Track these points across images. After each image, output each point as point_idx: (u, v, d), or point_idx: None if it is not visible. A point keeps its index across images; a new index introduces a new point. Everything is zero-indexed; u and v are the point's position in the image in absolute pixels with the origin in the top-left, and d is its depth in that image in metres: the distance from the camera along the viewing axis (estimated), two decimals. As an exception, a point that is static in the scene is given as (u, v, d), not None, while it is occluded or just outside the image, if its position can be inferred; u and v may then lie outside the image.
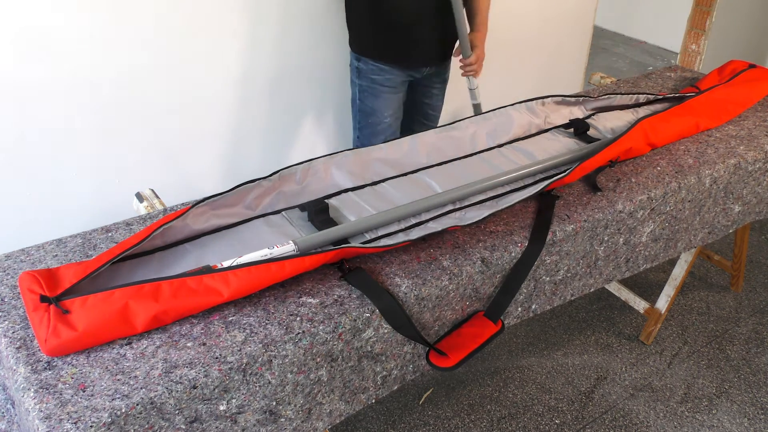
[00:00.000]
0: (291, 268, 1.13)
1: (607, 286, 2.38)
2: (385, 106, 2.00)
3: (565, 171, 1.47)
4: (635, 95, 1.95)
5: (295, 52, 2.27)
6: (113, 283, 1.13)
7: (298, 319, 1.10)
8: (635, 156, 1.66)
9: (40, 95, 1.86)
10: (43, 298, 1.03)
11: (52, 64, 1.84)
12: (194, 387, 0.98)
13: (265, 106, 2.31)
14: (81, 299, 1.03)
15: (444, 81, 2.21)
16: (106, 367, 0.99)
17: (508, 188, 1.50)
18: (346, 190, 1.46)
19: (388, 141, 1.56)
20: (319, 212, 1.34)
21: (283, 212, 1.37)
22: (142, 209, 1.49)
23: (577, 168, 1.47)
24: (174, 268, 1.19)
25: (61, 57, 1.85)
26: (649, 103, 1.96)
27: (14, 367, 1.00)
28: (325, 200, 1.40)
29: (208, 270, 1.12)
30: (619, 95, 1.94)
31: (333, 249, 1.18)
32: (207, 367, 1.00)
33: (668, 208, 1.58)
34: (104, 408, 0.92)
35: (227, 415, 1.03)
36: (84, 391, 0.95)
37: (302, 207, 1.39)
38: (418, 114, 2.21)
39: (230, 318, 1.10)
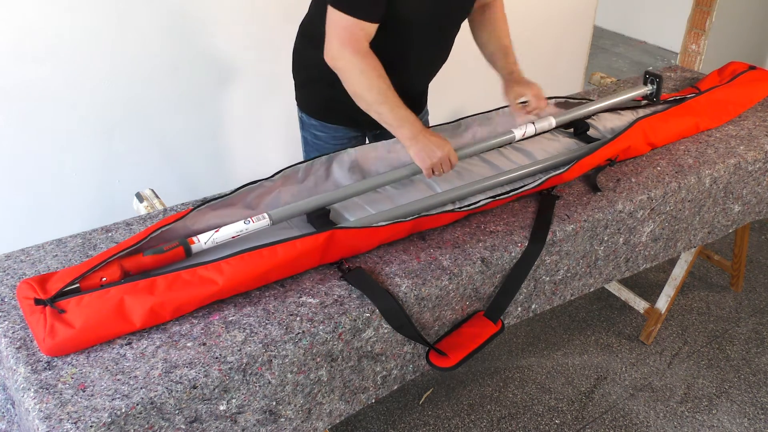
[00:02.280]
0: (283, 252, 1.14)
1: (607, 286, 2.38)
2: None
3: (564, 168, 1.47)
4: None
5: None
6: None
7: (298, 319, 1.10)
8: (635, 156, 1.66)
9: (41, 95, 1.86)
10: (38, 301, 1.03)
11: (52, 64, 1.84)
12: (194, 387, 0.98)
13: (266, 106, 2.31)
14: (76, 299, 1.03)
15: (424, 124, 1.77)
16: (106, 367, 0.99)
17: (508, 188, 1.50)
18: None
19: (389, 140, 1.56)
20: (320, 216, 1.34)
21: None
22: (142, 209, 1.49)
23: (575, 165, 1.47)
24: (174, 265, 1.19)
25: (61, 57, 1.85)
26: (649, 104, 1.96)
27: (14, 367, 1.00)
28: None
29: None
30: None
31: (324, 231, 1.18)
32: (207, 367, 1.00)
33: (668, 208, 1.58)
34: (104, 408, 0.92)
35: (227, 415, 1.03)
36: (84, 391, 0.95)
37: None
38: None
39: (230, 318, 1.10)
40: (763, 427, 1.93)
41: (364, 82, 1.36)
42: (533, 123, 1.61)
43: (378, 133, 1.71)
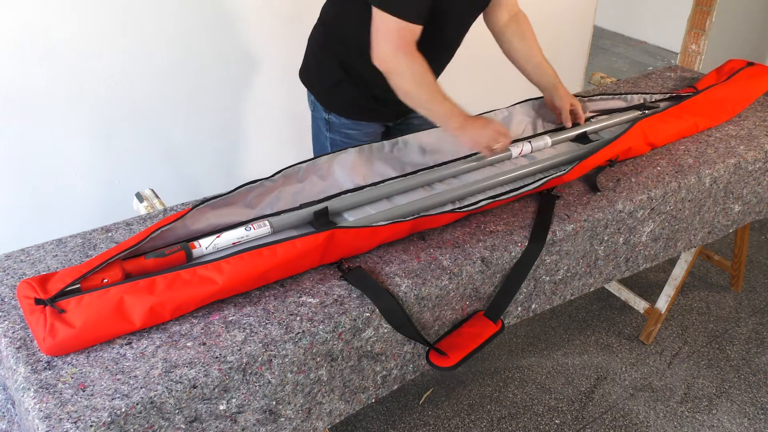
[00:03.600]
0: (283, 252, 1.14)
1: (607, 286, 2.38)
2: None
3: (564, 170, 1.47)
4: (633, 95, 1.95)
5: (295, 50, 2.27)
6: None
7: (298, 318, 1.10)
8: (635, 156, 1.66)
9: (41, 95, 1.87)
10: (38, 301, 1.03)
11: (52, 64, 1.84)
12: (194, 387, 0.98)
13: (266, 105, 2.31)
14: (76, 299, 1.03)
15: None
16: (106, 367, 0.99)
17: (507, 188, 1.50)
18: (347, 192, 1.45)
19: (390, 139, 1.56)
20: (319, 216, 1.34)
21: (282, 214, 1.36)
22: (142, 209, 1.49)
23: (575, 167, 1.47)
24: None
25: (61, 57, 1.85)
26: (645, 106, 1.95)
27: (14, 367, 1.00)
28: (325, 201, 1.40)
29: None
30: (619, 96, 1.94)
31: (324, 230, 1.18)
32: (207, 367, 1.00)
33: (668, 208, 1.58)
34: (104, 407, 0.92)
35: (227, 414, 1.03)
36: (84, 391, 0.95)
37: (300, 208, 1.38)
38: None
39: (230, 318, 1.10)
40: (763, 427, 1.93)
41: (417, 82, 1.41)
42: (530, 142, 1.66)
43: (402, 123, 1.78)
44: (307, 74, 1.73)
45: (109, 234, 1.30)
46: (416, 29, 1.38)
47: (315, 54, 1.69)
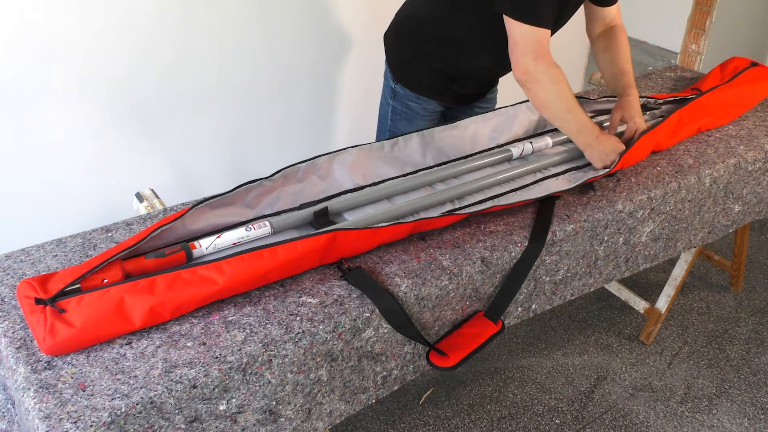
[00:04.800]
0: (284, 254, 1.14)
1: (607, 286, 2.38)
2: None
3: (566, 171, 1.48)
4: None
5: (296, 51, 2.27)
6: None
7: (298, 318, 1.10)
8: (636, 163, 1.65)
9: (40, 95, 1.87)
10: (38, 301, 1.03)
11: (51, 63, 1.84)
12: (194, 387, 0.98)
13: (266, 106, 2.31)
14: (76, 298, 1.03)
15: (492, 100, 1.95)
16: (106, 367, 0.99)
17: (507, 188, 1.50)
18: (347, 192, 1.45)
19: (391, 138, 1.56)
20: (319, 216, 1.34)
21: (282, 214, 1.36)
22: (142, 209, 1.49)
23: (584, 183, 1.48)
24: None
25: (61, 57, 1.85)
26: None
27: (14, 367, 1.00)
28: (325, 201, 1.40)
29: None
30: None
31: (325, 232, 1.18)
32: (207, 367, 1.00)
33: (668, 208, 1.58)
34: (104, 407, 0.93)
35: (227, 414, 1.03)
36: (84, 391, 0.95)
37: (301, 208, 1.38)
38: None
39: (230, 318, 1.10)
40: (763, 427, 1.93)
41: (555, 92, 1.44)
42: (530, 142, 1.67)
43: (464, 106, 1.86)
44: (387, 41, 1.82)
45: (109, 234, 1.30)
46: (549, 35, 1.43)
47: (398, 26, 1.78)
